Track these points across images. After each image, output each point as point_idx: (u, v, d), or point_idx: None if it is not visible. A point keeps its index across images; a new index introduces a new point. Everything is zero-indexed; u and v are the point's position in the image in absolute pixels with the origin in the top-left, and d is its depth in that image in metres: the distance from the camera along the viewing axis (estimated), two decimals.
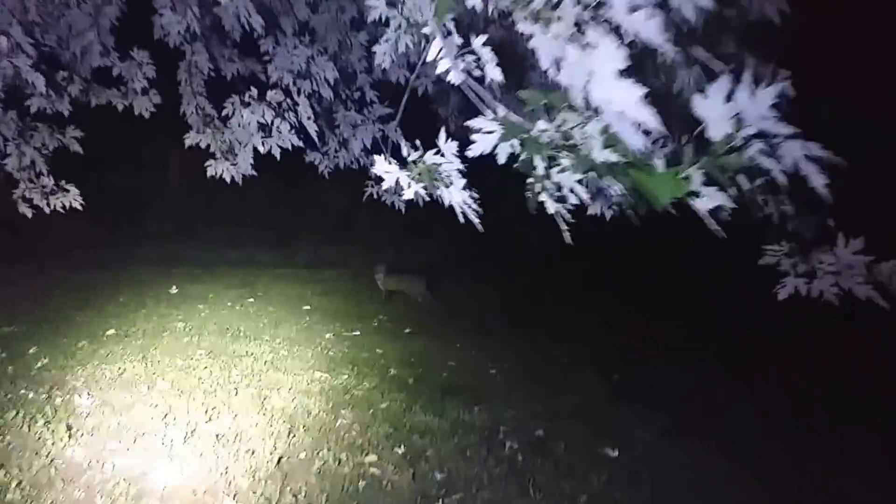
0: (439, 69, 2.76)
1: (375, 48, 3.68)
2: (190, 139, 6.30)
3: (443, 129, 2.89)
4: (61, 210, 6.53)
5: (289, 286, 11.30)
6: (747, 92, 2.00)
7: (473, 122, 2.61)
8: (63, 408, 6.07)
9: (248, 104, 5.70)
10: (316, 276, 12.13)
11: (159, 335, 8.19)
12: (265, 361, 7.54)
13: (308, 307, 10.02)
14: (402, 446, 5.72)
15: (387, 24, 3.63)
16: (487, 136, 2.54)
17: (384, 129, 6.18)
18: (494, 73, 2.79)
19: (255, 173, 6.24)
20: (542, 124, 2.46)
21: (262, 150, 5.83)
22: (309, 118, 5.41)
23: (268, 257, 13.36)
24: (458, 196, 2.97)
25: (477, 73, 2.85)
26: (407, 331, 9.17)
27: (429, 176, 2.81)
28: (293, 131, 5.68)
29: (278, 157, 5.85)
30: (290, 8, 5.52)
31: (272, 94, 5.43)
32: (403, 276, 10.78)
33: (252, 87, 5.78)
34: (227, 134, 6.23)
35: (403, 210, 6.32)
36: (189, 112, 6.36)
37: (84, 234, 11.76)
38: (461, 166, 2.93)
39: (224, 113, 5.86)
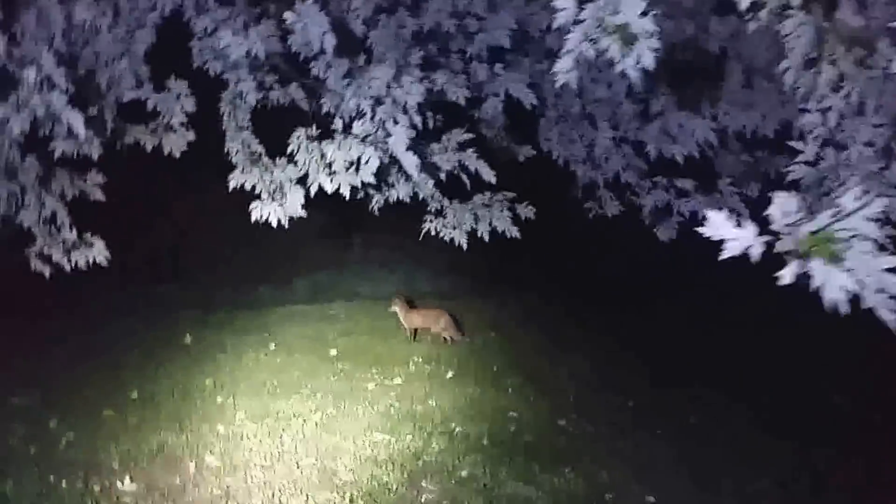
0: None
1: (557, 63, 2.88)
2: (235, 180, 5.53)
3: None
4: (84, 267, 5.72)
5: (304, 327, 10.44)
6: None
7: None
8: (105, 499, 5.21)
9: (316, 138, 4.95)
10: (327, 313, 11.29)
11: (189, 397, 7.34)
12: (315, 423, 6.76)
13: (335, 352, 9.19)
14: None
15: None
16: None
17: (461, 157, 5.46)
18: None
19: (303, 214, 5.50)
20: None
21: (329, 188, 5.05)
22: (407, 149, 4.65)
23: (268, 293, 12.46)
24: None
25: None
26: (449, 375, 8.40)
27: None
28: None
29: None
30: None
31: (360, 126, 4.65)
32: (428, 311, 9.99)
33: (311, 120, 5.05)
34: (278, 173, 5.48)
35: (465, 246, 5.67)
36: (234, 150, 5.58)
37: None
38: None
39: (290, 149, 5.08)
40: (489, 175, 5.25)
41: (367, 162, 4.64)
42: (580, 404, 7.52)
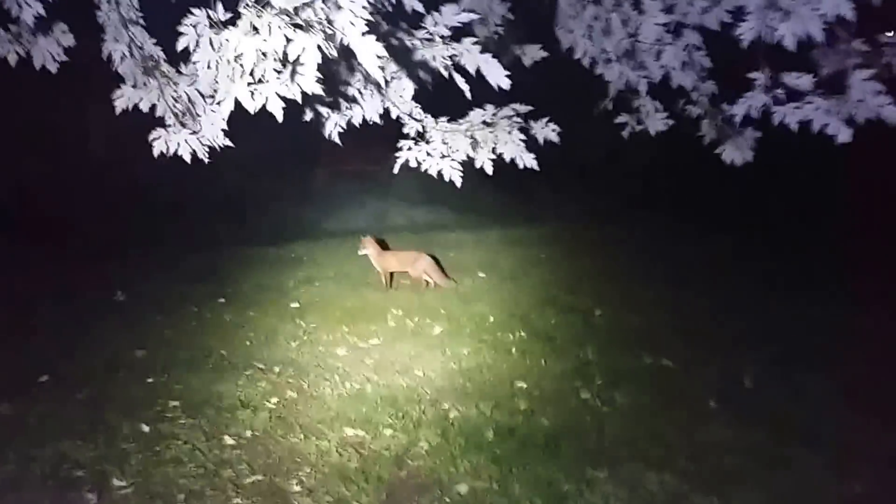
0: None
1: None
2: (124, 99, 3.87)
3: None
4: None
5: (259, 273, 8.82)
6: None
7: None
8: None
9: (223, 24, 3.18)
10: (287, 256, 9.68)
11: (112, 375, 5.74)
12: (268, 414, 5.26)
13: (297, 305, 7.63)
14: None
15: None
16: None
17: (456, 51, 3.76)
18: None
19: (230, 144, 3.95)
20: None
21: (251, 105, 3.30)
22: (366, 34, 2.93)
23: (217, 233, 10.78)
24: None
25: None
26: (437, 332, 6.89)
27: None
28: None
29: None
30: None
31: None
32: (405, 252, 8.42)
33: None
34: (184, 85, 3.80)
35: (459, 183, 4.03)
36: (119, 55, 3.86)
37: None
38: None
39: (183, 44, 3.33)
40: (499, 77, 3.57)
41: (300, 59, 2.90)
42: (603, 366, 6.05)
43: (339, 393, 5.60)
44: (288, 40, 2.84)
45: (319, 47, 2.87)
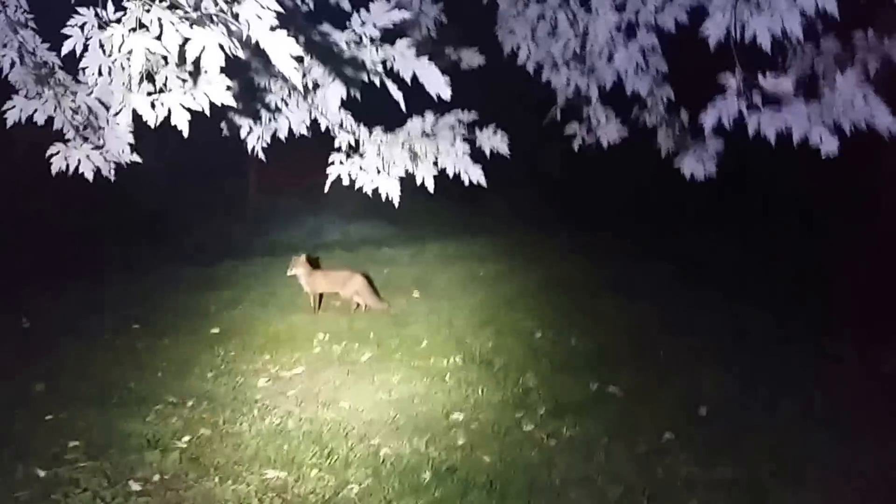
0: None
1: None
2: (17, 110, 3.38)
3: None
4: None
5: (180, 295, 8.23)
6: None
7: None
8: None
9: (112, 24, 2.71)
10: (211, 276, 9.08)
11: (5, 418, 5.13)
12: (177, 456, 4.70)
13: (217, 330, 7.08)
14: None
15: None
16: None
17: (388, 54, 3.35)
18: None
19: (137, 159, 3.63)
20: None
21: (151, 117, 2.85)
22: (276, 28, 2.49)
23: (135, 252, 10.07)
24: None
25: None
26: (365, 358, 6.44)
27: None
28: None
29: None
30: None
31: None
32: (336, 272, 7.95)
33: None
34: (83, 95, 3.32)
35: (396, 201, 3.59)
36: (7, 62, 3.37)
37: None
38: None
39: (69, 47, 2.87)
40: (438, 84, 3.16)
41: (201, 58, 2.44)
42: (546, 393, 5.66)
43: (259, 429, 5.08)
44: (185, 39, 2.38)
45: (221, 46, 2.42)
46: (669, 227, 10.81)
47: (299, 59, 2.53)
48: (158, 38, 2.38)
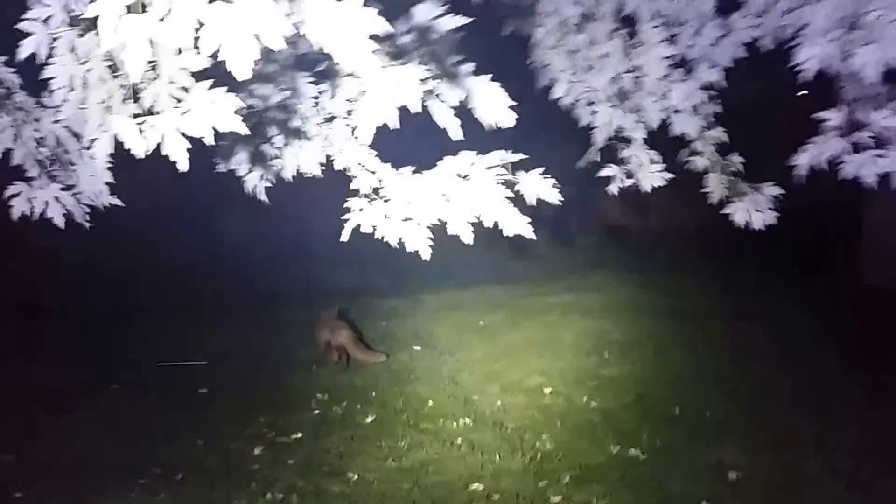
0: None
1: None
2: None
3: None
4: None
5: (159, 348, 7.66)
6: None
7: None
8: None
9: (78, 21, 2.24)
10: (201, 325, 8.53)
11: None
12: None
13: (206, 390, 6.55)
14: None
15: None
16: None
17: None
18: None
19: (118, 202, 3.17)
20: None
21: (139, 149, 2.29)
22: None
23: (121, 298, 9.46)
24: None
25: None
26: (369, 420, 5.96)
27: None
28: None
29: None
30: None
31: None
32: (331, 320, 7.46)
33: None
34: (48, 121, 2.89)
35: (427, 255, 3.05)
36: None
37: None
38: None
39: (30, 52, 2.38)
40: (499, 109, 2.68)
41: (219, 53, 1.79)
42: (566, 459, 5.19)
43: None
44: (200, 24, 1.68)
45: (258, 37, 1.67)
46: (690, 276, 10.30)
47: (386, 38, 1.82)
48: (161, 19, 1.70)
